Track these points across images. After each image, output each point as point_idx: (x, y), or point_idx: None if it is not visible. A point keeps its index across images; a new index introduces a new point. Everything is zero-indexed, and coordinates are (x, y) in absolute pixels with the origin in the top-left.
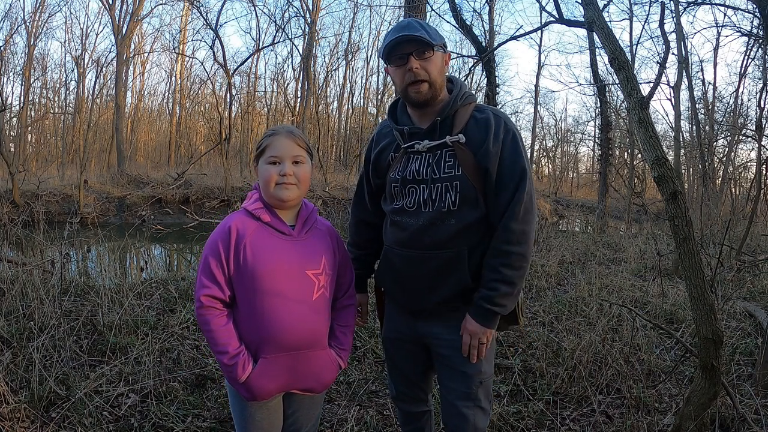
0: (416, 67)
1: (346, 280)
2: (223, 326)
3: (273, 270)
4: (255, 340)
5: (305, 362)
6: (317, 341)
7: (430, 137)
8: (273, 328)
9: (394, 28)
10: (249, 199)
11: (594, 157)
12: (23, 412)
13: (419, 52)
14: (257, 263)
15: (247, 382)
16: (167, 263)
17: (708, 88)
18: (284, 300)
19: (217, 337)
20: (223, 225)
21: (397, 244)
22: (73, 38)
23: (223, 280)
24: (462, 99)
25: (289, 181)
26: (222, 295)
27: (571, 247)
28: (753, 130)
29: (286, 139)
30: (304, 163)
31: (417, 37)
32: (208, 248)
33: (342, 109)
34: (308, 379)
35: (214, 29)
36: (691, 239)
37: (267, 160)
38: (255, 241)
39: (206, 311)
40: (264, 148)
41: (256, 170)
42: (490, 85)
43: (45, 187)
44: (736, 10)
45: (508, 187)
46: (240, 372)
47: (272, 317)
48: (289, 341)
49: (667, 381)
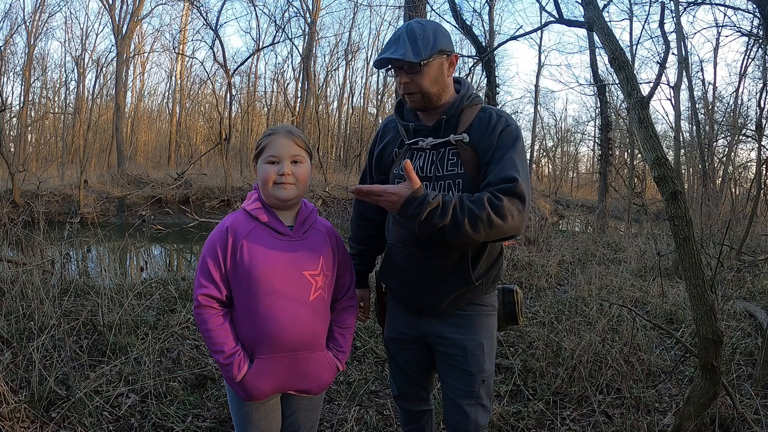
0: (406, 82)
1: (346, 281)
2: (219, 326)
3: (269, 271)
4: (251, 340)
5: (302, 364)
6: (314, 343)
7: (434, 135)
8: (269, 329)
9: (388, 41)
10: (248, 200)
11: (594, 157)
12: (23, 412)
13: (408, 67)
14: (254, 264)
15: (243, 382)
16: (167, 263)
17: (708, 88)
18: (280, 301)
19: (213, 336)
20: (221, 225)
21: (400, 242)
22: (73, 38)
23: (220, 279)
24: (468, 99)
25: (288, 180)
26: (219, 294)
27: (571, 247)
28: (753, 130)
29: (285, 139)
30: (303, 162)
31: (397, 59)
32: (206, 248)
33: (342, 109)
34: (305, 381)
35: (214, 29)
36: (691, 239)
37: (266, 160)
38: (252, 242)
39: (203, 311)
40: (263, 148)
41: (255, 169)
42: (490, 85)
43: (45, 187)
44: (736, 10)
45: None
46: (235, 371)
47: (268, 318)
48: (284, 342)
49: (667, 381)
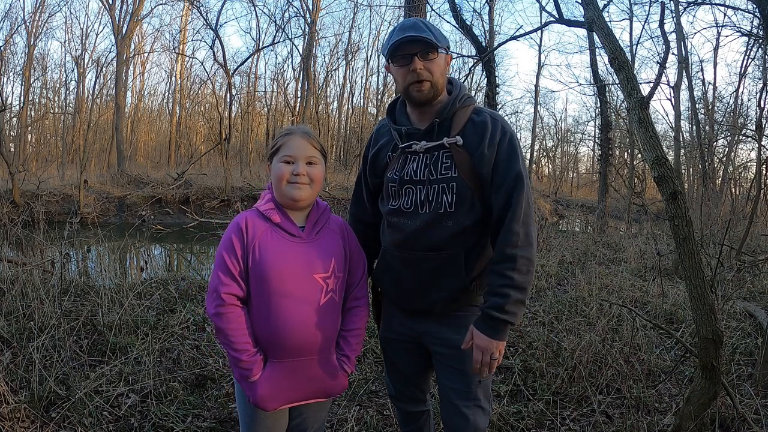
0: (420, 68)
1: (356, 278)
2: (243, 324)
3: (280, 273)
4: (264, 341)
5: (310, 368)
6: (324, 347)
7: (427, 138)
8: (279, 331)
9: (400, 27)
10: (261, 200)
11: (594, 157)
12: (23, 412)
13: (424, 53)
14: (264, 265)
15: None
16: (167, 263)
17: (708, 88)
18: (290, 303)
19: (238, 336)
20: (235, 222)
21: (394, 246)
22: (73, 38)
23: (239, 275)
24: (461, 101)
25: (302, 181)
26: (241, 291)
27: (571, 247)
28: (753, 130)
29: (302, 140)
30: (318, 164)
31: (423, 38)
32: (223, 245)
33: (342, 109)
34: (314, 388)
35: (214, 29)
36: (691, 239)
37: (281, 159)
38: (264, 242)
39: (228, 309)
40: (279, 147)
41: (269, 168)
42: (490, 85)
43: (45, 187)
44: (736, 10)
45: (505, 189)
46: (256, 371)
47: (278, 320)
48: (294, 345)
49: (667, 381)
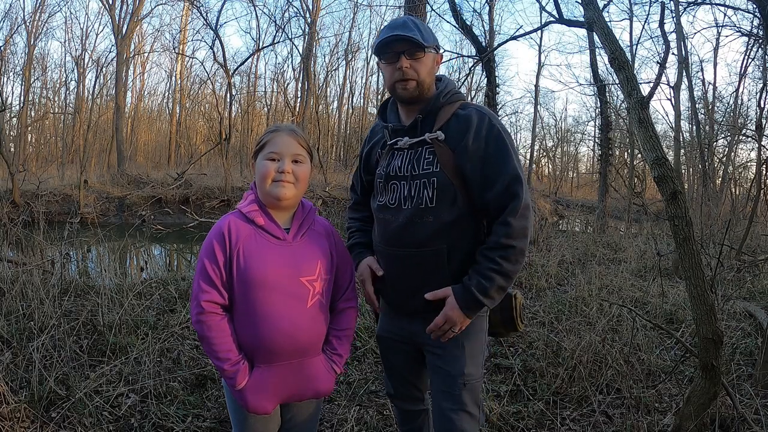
0: (406, 66)
1: (344, 282)
2: (224, 332)
3: (265, 277)
4: (250, 347)
5: (300, 370)
6: (312, 349)
7: (411, 134)
8: (266, 337)
9: (389, 26)
10: (244, 200)
11: (594, 157)
12: (23, 412)
13: (410, 52)
14: (249, 271)
15: (245, 396)
16: (167, 263)
17: (708, 88)
18: (277, 308)
19: (219, 344)
20: (218, 227)
21: (383, 242)
22: (73, 38)
23: (220, 283)
24: (446, 97)
25: (287, 179)
26: (222, 299)
27: (571, 247)
28: (753, 130)
29: (288, 137)
30: (304, 162)
31: (410, 37)
32: (203, 251)
33: (342, 109)
34: (304, 388)
35: (214, 29)
36: (691, 239)
37: (266, 156)
38: (248, 247)
39: (207, 317)
40: (264, 144)
41: (254, 166)
42: (490, 85)
43: (45, 187)
44: (736, 10)
45: (501, 184)
46: (240, 380)
47: (265, 325)
48: (282, 350)
49: (667, 381)
